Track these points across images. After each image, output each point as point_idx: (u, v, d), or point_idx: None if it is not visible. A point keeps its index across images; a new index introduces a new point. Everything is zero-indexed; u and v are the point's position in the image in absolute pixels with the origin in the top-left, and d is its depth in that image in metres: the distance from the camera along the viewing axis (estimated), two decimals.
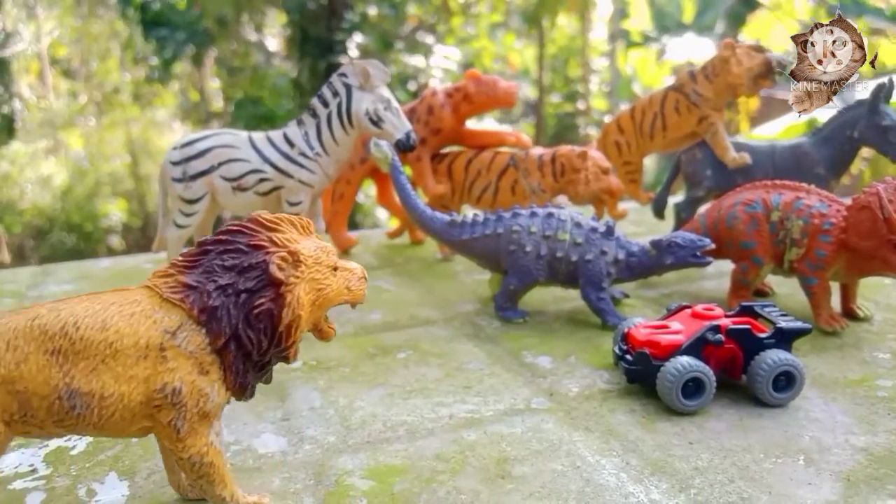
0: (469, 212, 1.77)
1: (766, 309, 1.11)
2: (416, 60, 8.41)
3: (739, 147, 1.58)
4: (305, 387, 1.11)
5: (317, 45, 7.78)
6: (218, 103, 10.69)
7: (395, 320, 1.37)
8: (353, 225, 6.20)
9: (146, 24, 7.77)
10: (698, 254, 1.27)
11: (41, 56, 11.00)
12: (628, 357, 1.07)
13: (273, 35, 9.86)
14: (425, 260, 1.79)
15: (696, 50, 7.34)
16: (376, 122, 1.43)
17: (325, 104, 1.46)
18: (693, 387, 1.00)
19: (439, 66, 8.72)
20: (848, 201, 1.25)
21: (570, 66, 9.03)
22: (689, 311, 1.12)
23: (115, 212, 9.34)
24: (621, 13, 8.73)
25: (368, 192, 5.26)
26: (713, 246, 1.27)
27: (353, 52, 8.10)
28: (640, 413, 1.01)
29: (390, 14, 8.17)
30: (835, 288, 1.33)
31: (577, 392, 1.08)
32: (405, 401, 1.06)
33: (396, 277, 1.64)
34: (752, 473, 0.86)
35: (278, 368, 1.16)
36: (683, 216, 1.64)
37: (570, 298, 1.45)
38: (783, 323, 1.05)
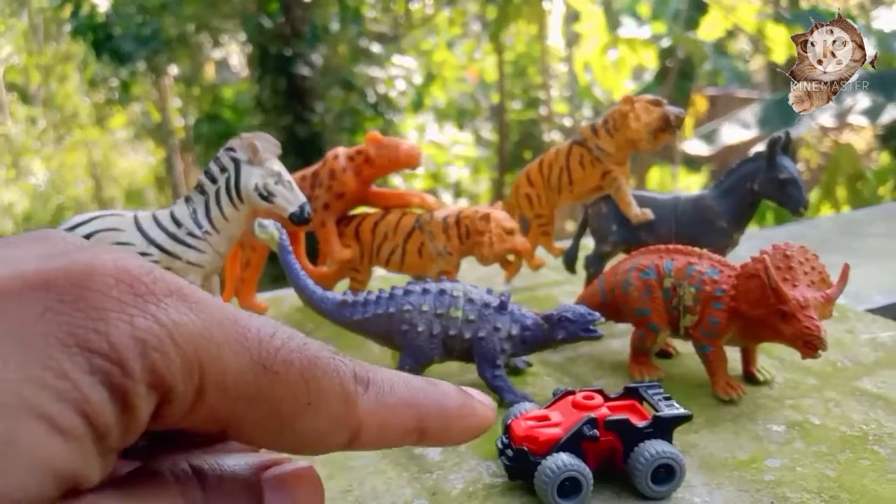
0: (379, 273, 1.73)
1: (650, 391, 1.09)
2: (375, 72, 8.39)
3: (643, 201, 1.56)
4: None
5: (276, 61, 7.73)
6: (179, 123, 10.57)
7: None
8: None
9: (98, 42, 7.66)
10: (590, 328, 1.24)
11: None
12: (508, 452, 1.04)
13: (234, 53, 9.76)
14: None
15: None
16: (266, 196, 1.39)
17: (213, 180, 1.41)
18: (570, 485, 0.97)
19: (399, 76, 8.70)
20: (738, 268, 1.23)
21: (530, 73, 9.04)
22: (571, 398, 1.09)
23: None
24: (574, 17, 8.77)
25: None
26: (603, 320, 1.25)
27: (317, 62, 8.04)
28: None
29: (354, 28, 8.13)
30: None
31: (461, 489, 1.04)
32: None
33: None
34: None
35: None
36: (592, 271, 1.62)
37: (473, 368, 1.42)
38: (661, 411, 1.03)
